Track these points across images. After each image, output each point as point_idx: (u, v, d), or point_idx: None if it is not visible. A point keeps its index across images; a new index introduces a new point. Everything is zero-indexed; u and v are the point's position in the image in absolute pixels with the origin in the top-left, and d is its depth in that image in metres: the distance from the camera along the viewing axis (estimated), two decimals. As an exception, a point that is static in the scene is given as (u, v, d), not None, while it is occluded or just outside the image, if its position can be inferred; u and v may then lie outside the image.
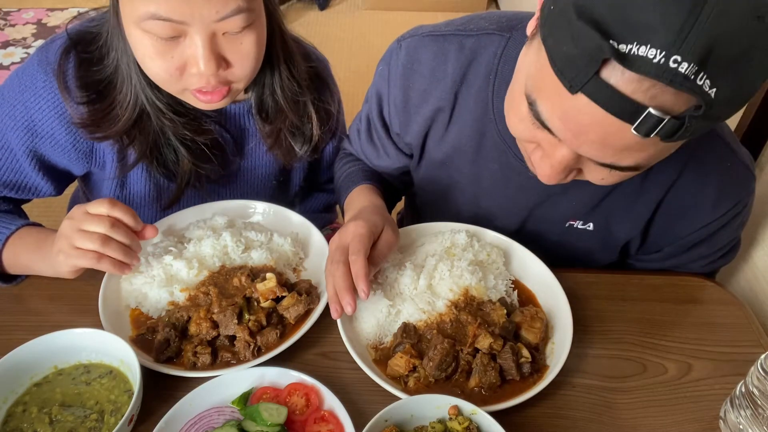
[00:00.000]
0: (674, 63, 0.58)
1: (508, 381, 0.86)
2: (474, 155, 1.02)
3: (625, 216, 1.00)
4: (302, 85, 1.08)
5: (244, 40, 0.90)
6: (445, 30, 0.99)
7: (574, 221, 1.03)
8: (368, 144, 1.16)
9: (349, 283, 0.85)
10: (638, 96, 0.61)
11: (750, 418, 0.78)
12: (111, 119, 0.98)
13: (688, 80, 0.59)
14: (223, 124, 1.09)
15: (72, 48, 0.97)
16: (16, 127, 0.99)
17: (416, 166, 1.12)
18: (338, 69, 1.27)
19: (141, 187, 1.10)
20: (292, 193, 1.29)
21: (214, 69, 0.88)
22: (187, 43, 0.87)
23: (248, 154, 1.14)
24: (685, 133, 0.63)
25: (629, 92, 0.61)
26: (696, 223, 0.98)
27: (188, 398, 0.80)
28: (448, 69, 0.97)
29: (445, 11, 3.76)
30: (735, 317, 1.00)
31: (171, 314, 0.91)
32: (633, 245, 1.05)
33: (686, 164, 0.93)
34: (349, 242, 0.88)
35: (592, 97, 0.63)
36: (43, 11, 3.62)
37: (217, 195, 1.17)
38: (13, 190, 1.04)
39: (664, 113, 0.61)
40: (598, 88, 0.62)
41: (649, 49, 0.58)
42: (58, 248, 0.88)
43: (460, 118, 1.00)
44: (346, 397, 0.81)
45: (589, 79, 0.62)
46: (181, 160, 1.05)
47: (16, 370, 0.81)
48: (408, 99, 1.03)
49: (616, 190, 0.97)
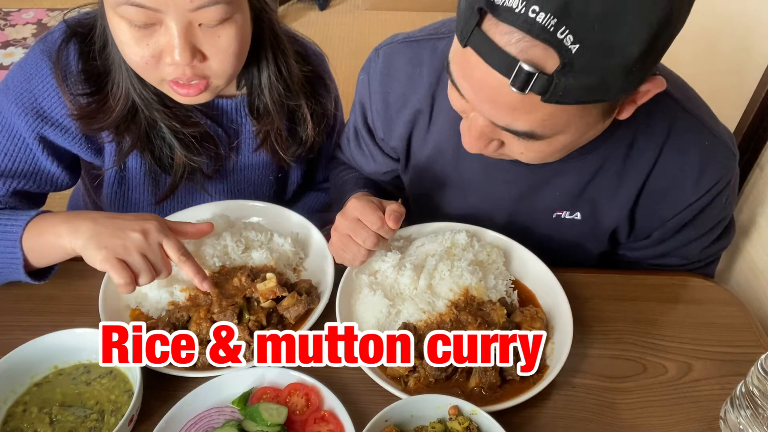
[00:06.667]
0: (533, 13, 0.61)
1: (508, 381, 0.86)
2: (456, 154, 1.03)
3: (610, 202, 1.00)
4: (293, 88, 1.07)
5: (222, 33, 0.88)
6: (419, 35, 1.02)
7: (561, 212, 1.03)
8: (357, 151, 1.17)
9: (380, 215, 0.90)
10: (510, 49, 0.65)
11: (750, 418, 0.78)
12: (104, 111, 0.98)
13: (546, 31, 0.62)
14: (216, 119, 1.09)
15: (71, 38, 0.98)
16: (25, 113, 0.98)
17: (404, 169, 1.14)
18: (338, 69, 1.27)
19: (139, 182, 1.10)
20: (291, 190, 1.29)
21: (188, 59, 0.87)
22: (162, 32, 0.86)
23: (243, 150, 1.14)
24: (556, 91, 0.65)
25: (503, 44, 0.65)
26: (679, 204, 0.98)
27: (188, 398, 0.80)
28: (424, 72, 1.00)
29: (445, 11, 3.76)
30: (735, 317, 1.00)
31: (171, 314, 0.91)
32: (622, 232, 1.05)
33: (664, 146, 0.93)
34: (356, 215, 0.91)
35: (476, 48, 0.68)
36: (43, 11, 3.61)
37: (215, 190, 1.17)
38: (30, 181, 1.02)
39: (535, 68, 0.64)
40: (480, 40, 0.67)
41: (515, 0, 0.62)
42: (106, 243, 0.84)
43: (439, 119, 1.02)
44: (346, 397, 0.81)
45: (471, 30, 0.67)
46: (175, 153, 1.05)
47: (16, 370, 0.81)
48: (388, 105, 1.05)
49: (597, 177, 0.97)
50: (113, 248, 0.83)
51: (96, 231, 0.85)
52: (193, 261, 0.89)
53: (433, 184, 1.10)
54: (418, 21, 1.11)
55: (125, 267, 0.83)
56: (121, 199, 1.12)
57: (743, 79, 1.34)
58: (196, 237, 0.97)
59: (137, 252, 0.84)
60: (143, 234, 0.85)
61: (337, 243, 0.95)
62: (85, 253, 0.85)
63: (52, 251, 0.89)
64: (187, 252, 0.89)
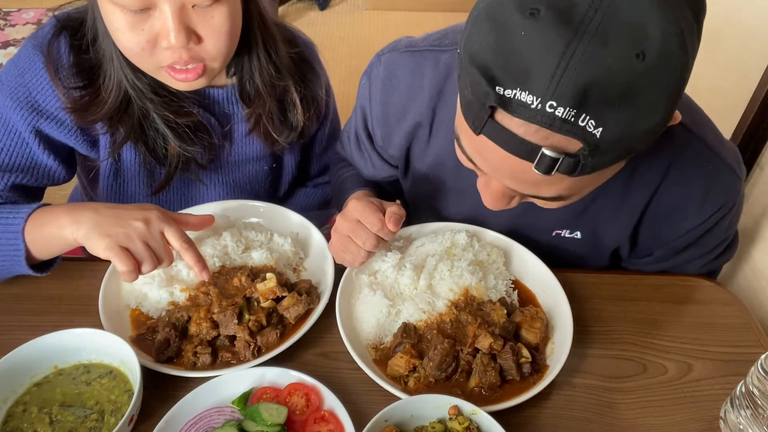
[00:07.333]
0: (551, 108, 0.59)
1: (508, 381, 0.86)
2: (456, 169, 1.01)
3: (611, 223, 1.00)
4: (281, 69, 1.08)
5: (215, 14, 0.89)
6: (422, 45, 1.00)
7: (561, 230, 1.03)
8: (357, 153, 1.17)
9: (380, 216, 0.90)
10: (531, 137, 0.63)
11: (750, 418, 0.78)
12: (97, 103, 0.98)
13: (568, 123, 0.60)
14: (208, 108, 1.09)
15: (61, 32, 0.98)
16: (20, 108, 0.98)
17: (403, 177, 1.13)
18: (338, 69, 1.27)
19: (135, 174, 1.10)
20: (286, 182, 1.29)
21: (183, 41, 0.87)
22: (157, 16, 0.87)
23: (236, 140, 1.15)
24: (584, 170, 0.64)
25: (521, 134, 0.63)
26: (682, 228, 0.97)
27: (188, 398, 0.80)
28: (425, 84, 0.98)
29: (446, 11, 3.75)
30: (735, 317, 1.00)
31: (171, 314, 0.91)
32: (623, 250, 1.05)
33: (669, 169, 0.92)
34: (356, 216, 0.90)
35: (492, 138, 0.66)
36: (43, 11, 3.61)
37: (210, 180, 1.17)
38: (27, 175, 1.02)
39: (559, 152, 0.63)
40: (495, 130, 0.65)
41: (528, 95, 0.60)
42: (110, 231, 0.84)
43: (439, 132, 1.01)
44: (346, 397, 0.81)
45: (485, 122, 0.65)
46: (169, 144, 1.05)
47: (16, 370, 0.81)
48: (388, 113, 1.04)
49: (599, 198, 0.96)
50: (116, 236, 0.84)
51: (98, 221, 0.86)
52: (195, 249, 0.90)
53: (433, 195, 1.09)
54: (418, 21, 1.11)
55: (128, 255, 0.84)
56: (117, 191, 1.13)
57: (743, 78, 1.34)
58: (198, 228, 0.98)
59: (140, 240, 0.85)
60: (145, 222, 0.86)
61: (337, 244, 0.95)
62: (88, 242, 0.85)
63: (55, 242, 0.90)
64: (189, 240, 0.90)
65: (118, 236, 0.84)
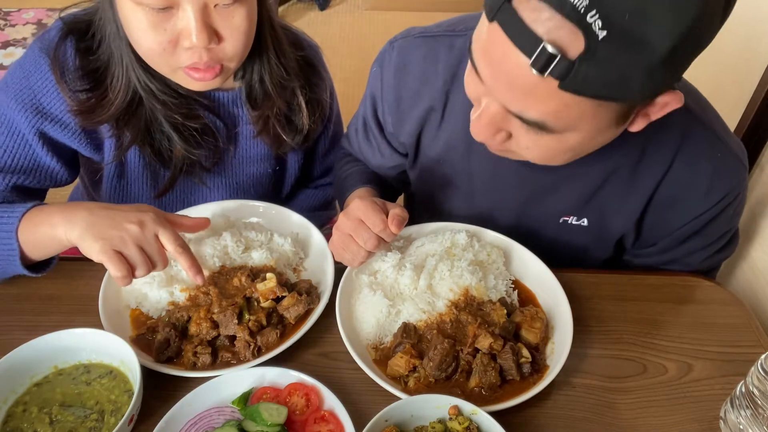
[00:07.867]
0: None
1: (508, 381, 0.86)
2: (466, 153, 1.03)
3: (618, 210, 1.00)
4: (290, 71, 1.09)
5: (236, 13, 0.90)
6: (436, 31, 1.01)
7: (568, 217, 1.03)
8: (365, 143, 1.17)
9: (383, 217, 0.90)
10: (537, 27, 0.65)
11: (750, 418, 0.78)
12: (104, 105, 0.98)
13: (576, 11, 0.61)
14: (215, 111, 1.09)
15: (68, 34, 0.98)
16: (24, 110, 0.98)
17: (412, 165, 1.13)
18: (338, 69, 1.27)
19: (139, 176, 1.10)
20: (289, 184, 1.29)
21: (206, 41, 0.88)
22: (180, 15, 0.87)
23: (241, 143, 1.15)
24: (576, 77, 0.65)
25: (530, 21, 0.65)
26: (688, 215, 0.98)
27: (188, 398, 0.80)
28: (439, 69, 0.99)
29: (446, 11, 3.75)
30: (735, 317, 1.00)
31: (171, 314, 0.91)
32: (628, 239, 1.05)
33: (676, 156, 0.93)
34: (359, 215, 0.90)
35: (502, 24, 0.68)
36: (43, 11, 3.61)
37: (214, 184, 1.17)
38: (29, 177, 1.02)
39: (558, 51, 0.64)
40: (508, 15, 0.67)
41: None
42: (104, 234, 0.83)
43: (452, 117, 1.01)
44: (346, 397, 0.81)
45: (501, 5, 0.67)
46: (174, 147, 1.05)
47: (16, 370, 0.81)
48: (400, 99, 1.04)
49: (607, 184, 0.97)
50: (110, 240, 0.83)
51: (92, 221, 0.85)
52: (190, 253, 0.89)
53: (441, 183, 1.09)
54: (418, 21, 1.11)
55: (122, 259, 0.83)
56: (120, 193, 1.13)
57: (744, 78, 1.34)
58: (194, 230, 0.97)
59: (134, 244, 0.84)
60: (140, 225, 0.85)
61: (338, 242, 0.95)
62: (82, 243, 0.84)
63: (48, 242, 0.89)
64: (183, 243, 0.88)
65: (113, 239, 0.83)
